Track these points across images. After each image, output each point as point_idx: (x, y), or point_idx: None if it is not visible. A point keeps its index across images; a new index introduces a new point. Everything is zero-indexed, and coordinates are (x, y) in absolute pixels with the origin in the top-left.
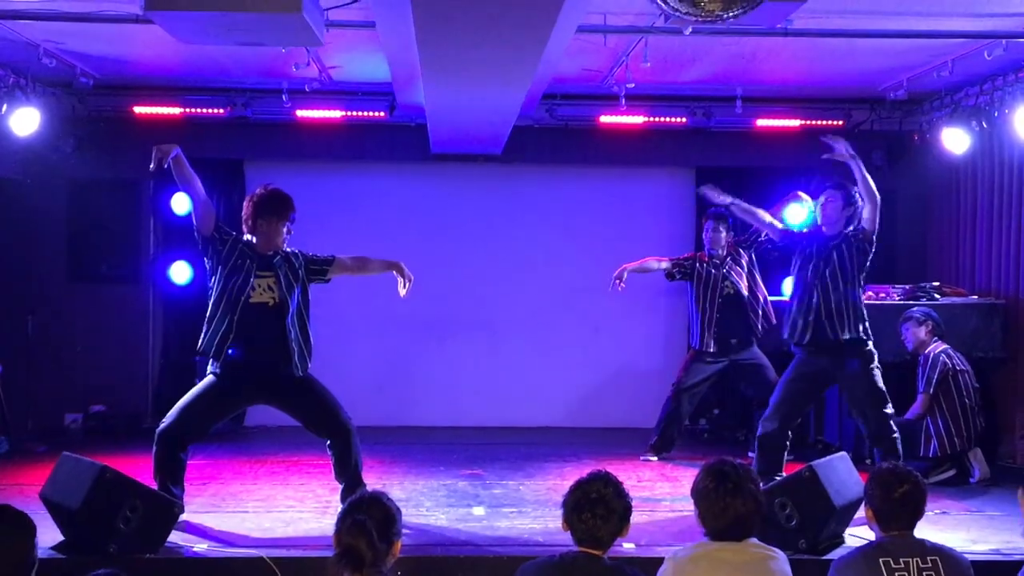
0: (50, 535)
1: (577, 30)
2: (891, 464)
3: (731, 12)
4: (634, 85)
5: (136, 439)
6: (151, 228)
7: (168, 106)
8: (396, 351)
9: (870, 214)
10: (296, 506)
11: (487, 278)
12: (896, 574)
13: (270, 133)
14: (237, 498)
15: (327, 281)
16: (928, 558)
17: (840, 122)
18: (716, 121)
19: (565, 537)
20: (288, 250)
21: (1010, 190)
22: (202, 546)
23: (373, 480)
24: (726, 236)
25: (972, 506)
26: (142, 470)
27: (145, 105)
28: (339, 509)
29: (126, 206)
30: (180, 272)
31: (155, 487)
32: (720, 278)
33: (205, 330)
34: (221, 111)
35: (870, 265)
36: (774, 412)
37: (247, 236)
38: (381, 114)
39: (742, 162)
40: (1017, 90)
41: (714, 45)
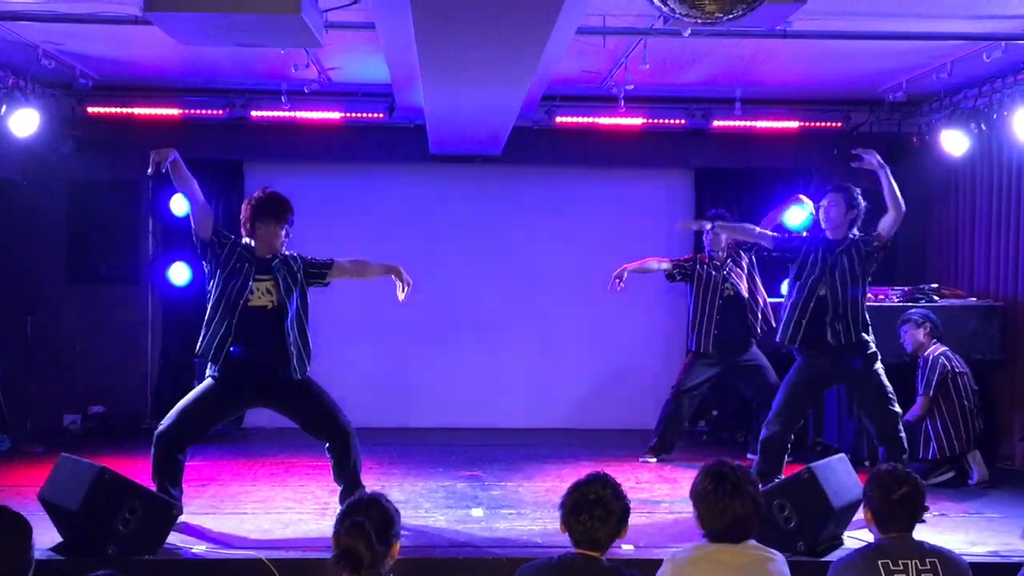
0: (48, 536)
1: (576, 32)
2: (890, 466)
3: (730, 14)
4: (633, 87)
5: (135, 440)
6: (150, 229)
7: (167, 107)
8: (395, 353)
9: (891, 223)
10: (295, 508)
11: (486, 279)
12: None
13: (269, 134)
14: (236, 500)
15: (326, 284)
16: (927, 560)
17: (839, 123)
18: (715, 123)
19: (564, 539)
20: (287, 253)
21: (1009, 192)
22: (201, 548)
23: (372, 481)
24: (725, 238)
25: (971, 508)
26: (141, 471)
27: (144, 106)
28: (338, 511)
29: (125, 207)
30: (179, 273)
31: (154, 488)
32: (720, 280)
33: (204, 333)
34: (220, 112)
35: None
36: (777, 415)
37: (245, 239)
38: (380, 115)
39: (741, 164)
40: (1016, 92)
41: (713, 47)
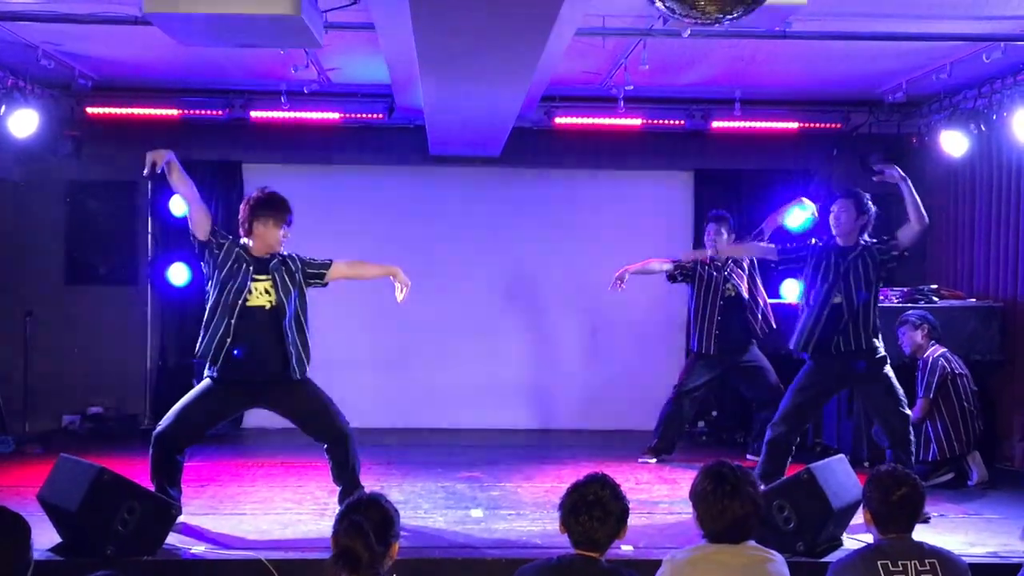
0: (48, 537)
1: (576, 32)
2: (889, 466)
3: (729, 15)
4: (633, 87)
5: (134, 441)
6: (149, 230)
7: (166, 108)
8: (394, 353)
9: (912, 234)
10: (294, 508)
11: (485, 280)
12: None
13: (268, 135)
14: (235, 500)
15: (324, 285)
16: (926, 561)
17: (838, 124)
18: (714, 124)
19: (563, 539)
20: (285, 253)
21: (1008, 193)
22: (200, 548)
23: (371, 482)
24: (728, 239)
25: (970, 509)
26: (140, 472)
27: (144, 107)
28: (337, 512)
29: (124, 207)
30: (178, 274)
31: (152, 489)
32: (721, 281)
33: (202, 334)
34: (219, 113)
35: None
36: (784, 418)
37: (244, 239)
38: (380, 116)
39: (740, 164)
40: (1015, 93)
41: (713, 48)
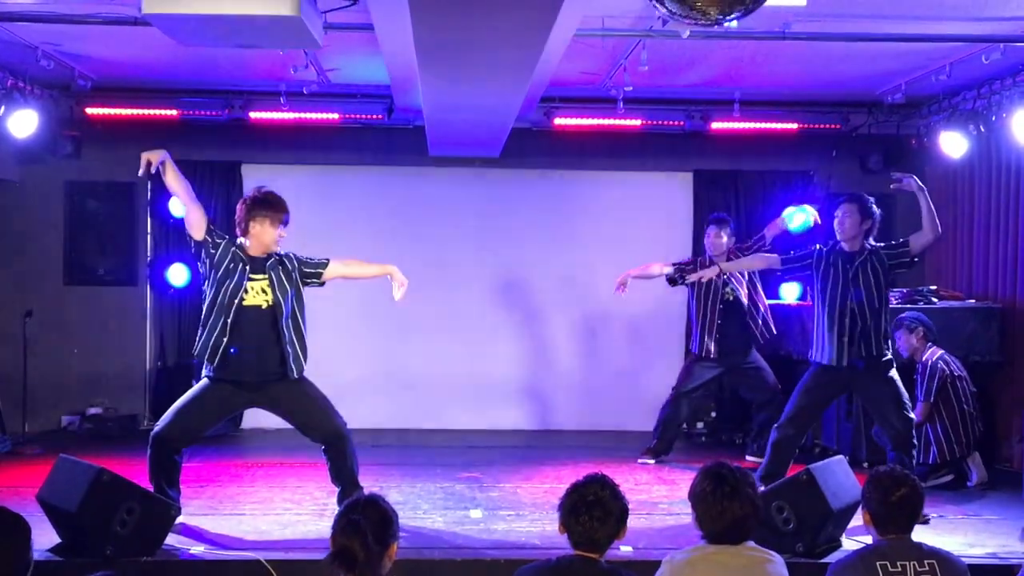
0: (47, 537)
1: (575, 33)
2: (888, 467)
3: (729, 16)
4: (632, 88)
5: (133, 441)
6: (148, 230)
7: (166, 108)
8: (393, 353)
9: (924, 242)
10: (293, 509)
11: (485, 281)
12: None
13: (268, 135)
14: (234, 501)
15: (322, 284)
16: (925, 561)
17: (837, 125)
18: (714, 124)
19: (562, 540)
20: (282, 253)
21: (1007, 194)
22: (199, 549)
23: (370, 483)
24: (727, 242)
25: (969, 510)
26: (139, 472)
27: (143, 107)
28: (336, 512)
29: (124, 208)
30: (177, 274)
31: (151, 490)
32: (721, 284)
33: (200, 334)
34: (219, 113)
35: None
36: (791, 420)
37: (240, 239)
38: (379, 116)
39: (740, 165)
40: (1015, 94)
41: (712, 49)
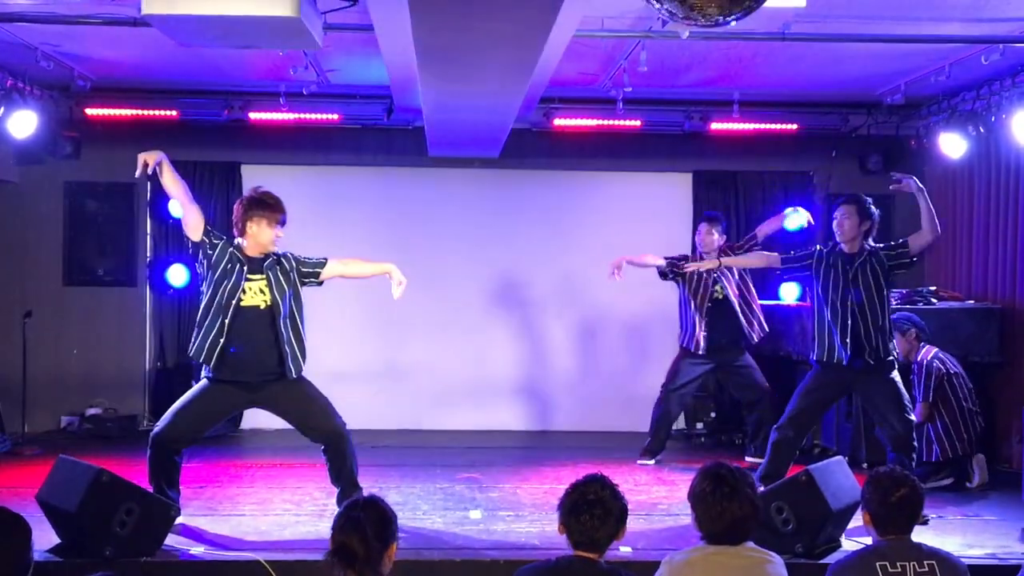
0: (47, 538)
1: (575, 34)
2: (888, 468)
3: (728, 16)
4: (631, 89)
5: (132, 442)
6: (148, 231)
7: (165, 109)
8: (392, 354)
9: (923, 242)
10: (292, 509)
11: (484, 281)
12: None
13: (267, 136)
14: (233, 501)
15: (320, 284)
16: (925, 562)
17: (837, 126)
18: (713, 125)
19: (562, 540)
20: (280, 252)
21: (1007, 195)
22: (198, 549)
23: (369, 483)
24: (718, 239)
25: (969, 511)
26: (138, 473)
27: (142, 108)
28: (336, 513)
29: (123, 209)
30: (177, 275)
31: (151, 490)
32: (711, 282)
33: (196, 334)
34: (218, 114)
35: None
36: (791, 421)
37: (238, 239)
38: (379, 117)
39: (739, 166)
40: (1014, 95)
41: (711, 49)
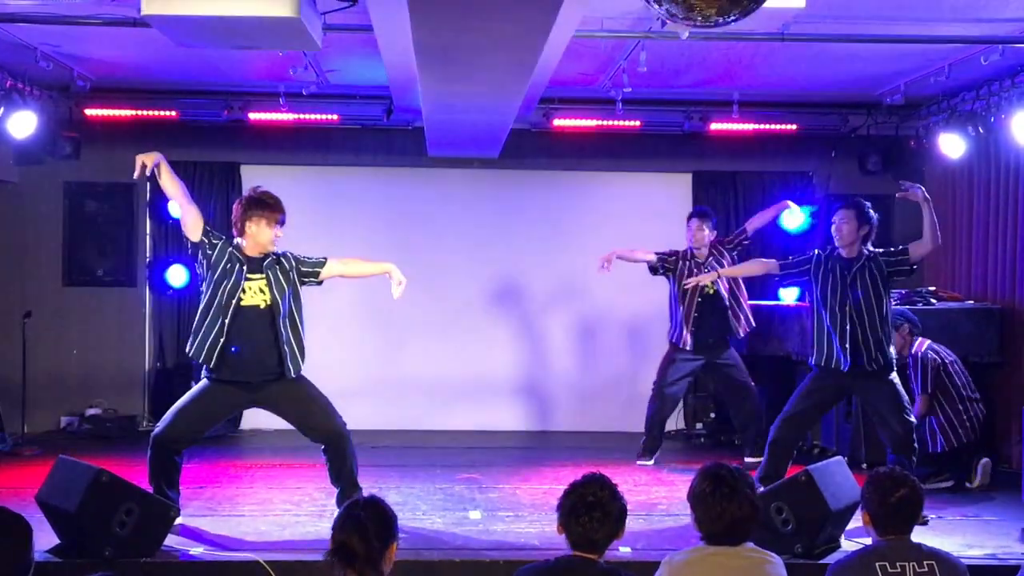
0: (46, 538)
1: (574, 35)
2: (888, 468)
3: (727, 17)
4: (631, 89)
5: (132, 442)
6: (147, 231)
7: (165, 109)
8: (391, 354)
9: (923, 251)
10: (292, 510)
11: (483, 281)
12: None
13: (267, 136)
14: (233, 502)
15: (320, 283)
16: (924, 562)
17: (836, 126)
18: (712, 125)
19: (561, 541)
20: (279, 252)
21: (1006, 195)
22: (198, 550)
23: (369, 484)
24: (709, 235)
25: (968, 511)
26: (138, 473)
27: (142, 108)
28: (336, 513)
29: (122, 209)
30: (177, 275)
31: (151, 491)
32: None
33: (194, 334)
34: (218, 114)
35: None
36: (788, 422)
37: (237, 239)
38: (378, 117)
39: (739, 166)
40: (1013, 95)
41: (711, 50)
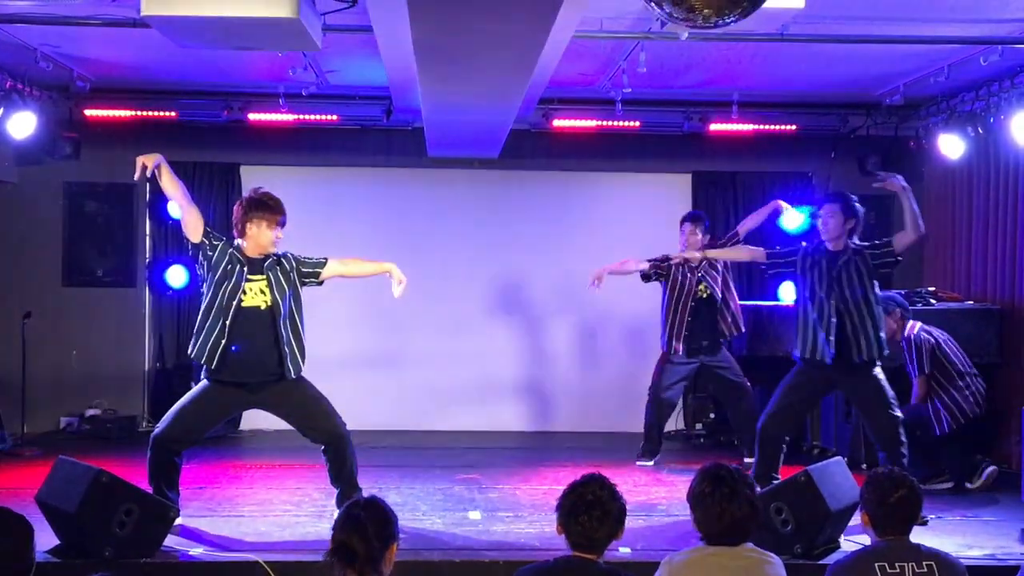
0: (46, 539)
1: (574, 35)
2: (887, 469)
3: (727, 18)
4: (630, 90)
5: (132, 442)
6: (147, 232)
7: (164, 110)
8: (391, 355)
9: (907, 241)
10: (292, 510)
11: (483, 281)
12: None
13: (267, 137)
14: (233, 502)
15: (320, 283)
16: (923, 563)
17: (836, 127)
18: (712, 126)
19: (561, 541)
20: (279, 253)
21: (1006, 195)
22: (198, 550)
23: (369, 484)
24: (702, 239)
25: (968, 511)
26: (138, 474)
27: (141, 109)
28: (335, 514)
29: (122, 210)
30: (176, 276)
31: (150, 491)
32: (695, 282)
33: (196, 335)
34: (218, 115)
35: None
36: (774, 417)
37: (237, 240)
38: (378, 118)
39: (738, 167)
40: (1013, 96)
41: (710, 50)
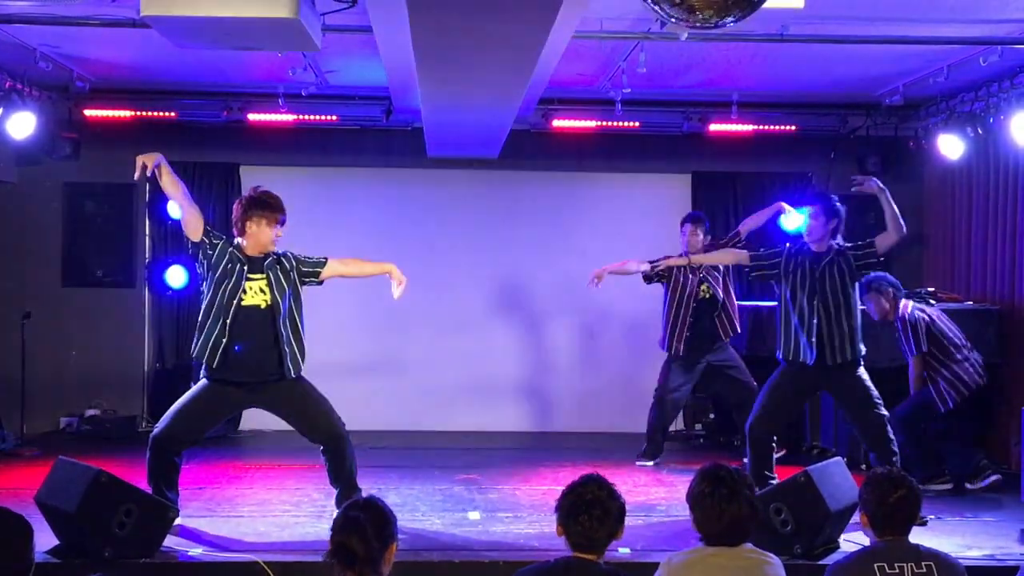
0: (45, 539)
1: (573, 35)
2: (886, 469)
3: (726, 18)
4: (630, 90)
5: (131, 443)
6: (147, 232)
7: (164, 110)
8: (391, 354)
9: (889, 242)
10: (291, 510)
11: (483, 282)
12: None
13: (266, 137)
14: (232, 502)
15: (320, 283)
16: (923, 563)
17: (836, 127)
18: (712, 126)
19: (560, 542)
20: (279, 252)
21: (1005, 196)
22: (197, 550)
23: (368, 485)
24: (703, 239)
25: (967, 512)
26: (137, 474)
27: (141, 109)
28: (335, 514)
29: (122, 210)
30: (176, 276)
31: (150, 491)
32: (696, 283)
33: (198, 335)
34: (217, 115)
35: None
36: (760, 419)
37: (237, 239)
38: (377, 118)
39: (738, 167)
40: (1012, 96)
41: (710, 51)
